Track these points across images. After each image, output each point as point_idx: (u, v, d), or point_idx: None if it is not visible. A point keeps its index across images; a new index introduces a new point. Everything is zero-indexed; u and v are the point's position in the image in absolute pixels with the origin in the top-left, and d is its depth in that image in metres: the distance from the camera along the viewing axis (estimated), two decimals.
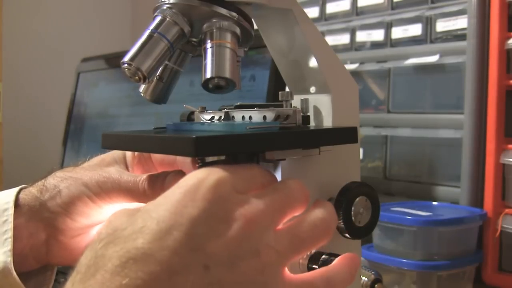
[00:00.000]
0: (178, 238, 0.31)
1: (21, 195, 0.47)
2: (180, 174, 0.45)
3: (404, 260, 0.73)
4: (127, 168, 0.49)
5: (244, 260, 0.32)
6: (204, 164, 0.43)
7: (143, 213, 0.33)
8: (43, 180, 0.48)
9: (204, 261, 0.31)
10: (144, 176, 0.46)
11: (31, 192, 0.47)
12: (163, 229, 0.31)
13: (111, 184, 0.46)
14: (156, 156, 0.50)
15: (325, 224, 0.37)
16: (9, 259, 0.44)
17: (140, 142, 0.43)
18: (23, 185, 0.48)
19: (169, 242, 0.31)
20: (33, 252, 0.46)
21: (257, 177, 0.37)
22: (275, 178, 0.39)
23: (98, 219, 0.48)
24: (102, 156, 0.50)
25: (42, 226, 0.46)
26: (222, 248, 0.32)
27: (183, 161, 0.48)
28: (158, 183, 0.45)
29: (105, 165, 0.48)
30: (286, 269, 0.35)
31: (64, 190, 0.46)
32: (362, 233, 0.44)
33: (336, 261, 0.38)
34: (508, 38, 0.77)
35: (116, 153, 0.50)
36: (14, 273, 0.43)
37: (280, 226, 0.35)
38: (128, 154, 0.49)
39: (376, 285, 0.44)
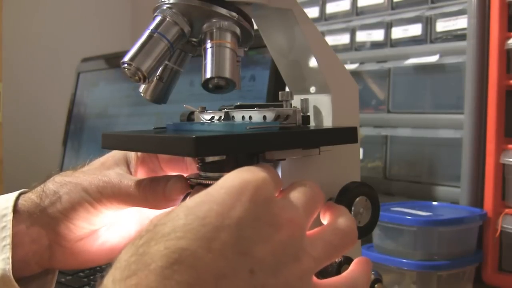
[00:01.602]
0: (226, 241, 0.30)
1: (20, 201, 0.46)
2: (181, 179, 0.45)
3: (404, 260, 0.73)
4: (129, 169, 0.48)
5: (287, 266, 0.32)
6: (204, 164, 0.43)
7: (184, 210, 0.31)
8: (42, 186, 0.47)
9: (250, 266, 0.30)
10: (145, 180, 0.45)
11: (30, 198, 0.46)
12: (209, 230, 0.30)
13: (111, 189, 0.45)
14: (163, 155, 0.49)
15: (353, 232, 0.37)
16: (8, 266, 0.43)
17: (140, 142, 0.43)
18: (21, 190, 0.48)
19: (216, 244, 0.30)
20: (35, 258, 0.46)
21: (278, 178, 0.37)
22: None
23: (100, 224, 0.48)
24: (102, 159, 0.49)
25: (44, 232, 0.45)
26: (268, 253, 0.31)
27: (192, 159, 0.48)
28: (159, 188, 0.44)
29: (105, 169, 0.47)
30: None
31: (64, 196, 0.46)
32: (362, 233, 0.44)
33: (355, 265, 0.39)
34: (508, 38, 0.77)
35: (117, 155, 0.49)
36: (13, 281, 0.43)
37: (309, 232, 0.35)
38: (131, 154, 0.49)
39: (376, 285, 0.44)
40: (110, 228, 0.49)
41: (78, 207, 0.45)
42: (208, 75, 0.41)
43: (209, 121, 0.48)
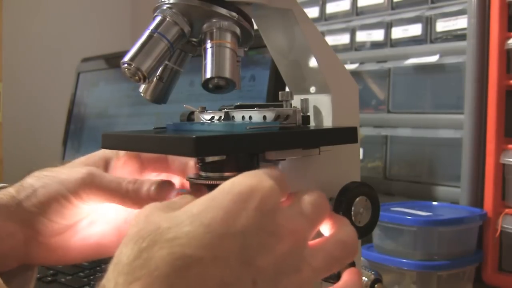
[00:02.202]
0: (230, 250, 0.30)
1: None
2: (168, 184, 0.45)
3: (404, 260, 0.73)
4: (107, 171, 0.49)
5: (288, 277, 0.32)
6: (204, 164, 0.43)
7: (189, 215, 0.31)
8: (22, 180, 0.47)
9: (253, 276, 0.30)
10: (129, 178, 0.46)
11: (9, 192, 0.46)
12: (214, 238, 0.30)
13: (92, 181, 0.45)
14: (147, 157, 0.49)
15: (354, 243, 0.37)
16: None
17: (140, 142, 0.43)
18: (1, 185, 0.48)
19: (221, 253, 0.29)
20: (13, 253, 0.46)
21: (285, 183, 0.36)
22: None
23: (75, 219, 0.48)
24: (83, 158, 0.50)
25: (19, 227, 0.45)
26: (270, 263, 0.31)
27: (174, 160, 0.48)
28: (143, 189, 0.45)
29: (87, 165, 0.48)
30: None
31: (40, 189, 0.46)
32: (362, 233, 0.44)
33: (347, 276, 0.39)
34: (508, 38, 0.77)
35: (97, 155, 0.49)
36: None
37: (311, 242, 0.35)
38: (112, 156, 0.49)
39: (376, 285, 0.44)
40: (93, 225, 0.49)
41: (53, 201, 0.45)
42: (208, 75, 0.41)
43: (209, 121, 0.48)
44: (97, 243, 0.49)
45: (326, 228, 0.38)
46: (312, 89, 0.49)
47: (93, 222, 0.50)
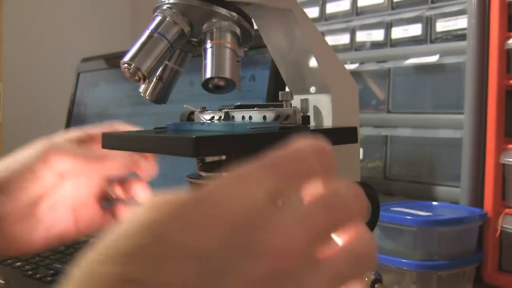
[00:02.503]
0: (185, 275, 0.23)
1: None
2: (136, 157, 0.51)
3: (404, 260, 0.73)
4: None
5: None
6: (204, 164, 0.43)
7: (146, 223, 0.25)
8: None
9: None
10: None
11: None
12: (166, 257, 0.23)
13: (58, 144, 0.49)
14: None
15: (371, 254, 0.28)
16: None
17: (140, 142, 0.43)
18: None
19: (172, 279, 0.23)
20: None
21: (309, 166, 0.27)
22: (333, 164, 0.28)
23: (37, 193, 0.49)
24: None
25: None
26: None
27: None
28: (109, 154, 0.49)
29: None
30: None
31: (1, 172, 0.47)
32: None
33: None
34: (508, 38, 0.77)
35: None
36: None
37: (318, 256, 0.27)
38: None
39: (376, 285, 0.44)
40: (53, 210, 0.51)
41: (14, 177, 0.47)
42: (208, 75, 0.41)
43: (209, 121, 0.48)
44: (58, 231, 0.51)
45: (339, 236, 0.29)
46: (312, 89, 0.49)
47: (53, 206, 0.51)
